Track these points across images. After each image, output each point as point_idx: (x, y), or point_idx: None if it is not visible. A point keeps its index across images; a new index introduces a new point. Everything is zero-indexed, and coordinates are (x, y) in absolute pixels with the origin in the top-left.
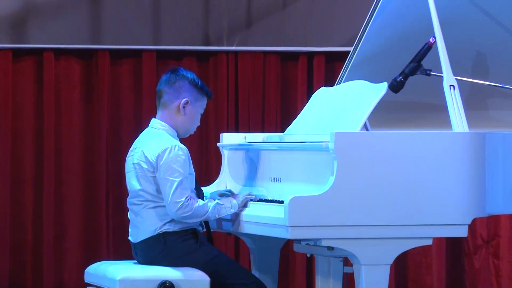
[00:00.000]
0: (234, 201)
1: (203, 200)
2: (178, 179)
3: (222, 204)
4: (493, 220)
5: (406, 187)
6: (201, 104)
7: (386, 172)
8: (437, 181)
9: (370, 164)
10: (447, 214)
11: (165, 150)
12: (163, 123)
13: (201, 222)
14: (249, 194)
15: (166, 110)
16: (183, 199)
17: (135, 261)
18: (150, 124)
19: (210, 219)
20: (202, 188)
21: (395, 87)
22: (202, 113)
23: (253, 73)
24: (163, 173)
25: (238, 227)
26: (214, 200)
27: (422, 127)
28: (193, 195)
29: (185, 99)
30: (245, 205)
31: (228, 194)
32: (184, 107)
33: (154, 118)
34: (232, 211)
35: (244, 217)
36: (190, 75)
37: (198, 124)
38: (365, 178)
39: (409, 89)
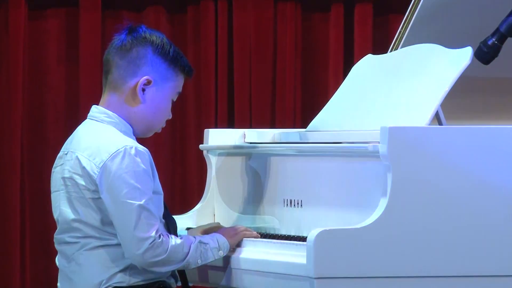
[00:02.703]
0: (223, 239)
1: (177, 237)
2: (139, 202)
3: (206, 244)
4: None
5: (507, 214)
6: (174, 86)
7: (474, 189)
8: None
9: (447, 177)
10: None
11: (114, 156)
12: (109, 112)
13: (174, 271)
14: (245, 228)
15: (116, 93)
16: (153, 234)
17: None
18: (89, 114)
19: (190, 266)
20: (173, 216)
21: (485, 54)
22: (175, 99)
23: (258, 32)
24: (115, 193)
25: (233, 279)
26: (195, 238)
27: None
28: (162, 227)
29: (145, 77)
30: (239, 245)
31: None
32: (143, 90)
33: (97, 104)
34: (221, 254)
35: (242, 263)
36: (156, 37)
37: (169, 116)
38: (439, 200)
39: (505, 58)
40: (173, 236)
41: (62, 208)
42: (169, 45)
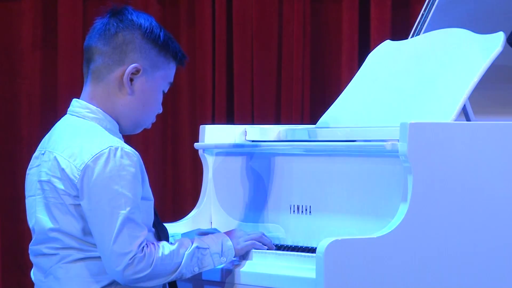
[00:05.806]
0: (229, 243)
1: (170, 244)
2: (123, 211)
3: (206, 248)
4: None
5: None
6: (165, 75)
7: (508, 193)
8: None
9: (475, 180)
10: None
11: (97, 157)
12: (92, 107)
13: (165, 284)
14: (261, 236)
15: (99, 84)
16: (135, 248)
17: None
18: (69, 108)
19: (184, 276)
20: (165, 225)
21: None
22: (166, 91)
23: (260, 15)
24: (95, 200)
25: None
26: (191, 243)
27: None
28: (152, 236)
29: (133, 65)
30: (246, 255)
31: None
32: (131, 80)
33: (78, 98)
34: (224, 260)
35: (242, 277)
36: (144, 20)
37: (160, 110)
38: (467, 205)
39: None
40: (163, 244)
41: (38, 215)
42: (159, 29)
